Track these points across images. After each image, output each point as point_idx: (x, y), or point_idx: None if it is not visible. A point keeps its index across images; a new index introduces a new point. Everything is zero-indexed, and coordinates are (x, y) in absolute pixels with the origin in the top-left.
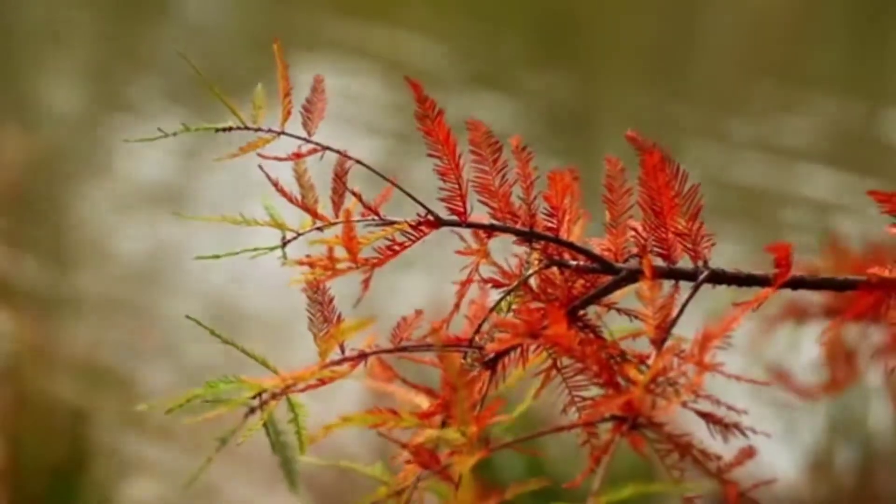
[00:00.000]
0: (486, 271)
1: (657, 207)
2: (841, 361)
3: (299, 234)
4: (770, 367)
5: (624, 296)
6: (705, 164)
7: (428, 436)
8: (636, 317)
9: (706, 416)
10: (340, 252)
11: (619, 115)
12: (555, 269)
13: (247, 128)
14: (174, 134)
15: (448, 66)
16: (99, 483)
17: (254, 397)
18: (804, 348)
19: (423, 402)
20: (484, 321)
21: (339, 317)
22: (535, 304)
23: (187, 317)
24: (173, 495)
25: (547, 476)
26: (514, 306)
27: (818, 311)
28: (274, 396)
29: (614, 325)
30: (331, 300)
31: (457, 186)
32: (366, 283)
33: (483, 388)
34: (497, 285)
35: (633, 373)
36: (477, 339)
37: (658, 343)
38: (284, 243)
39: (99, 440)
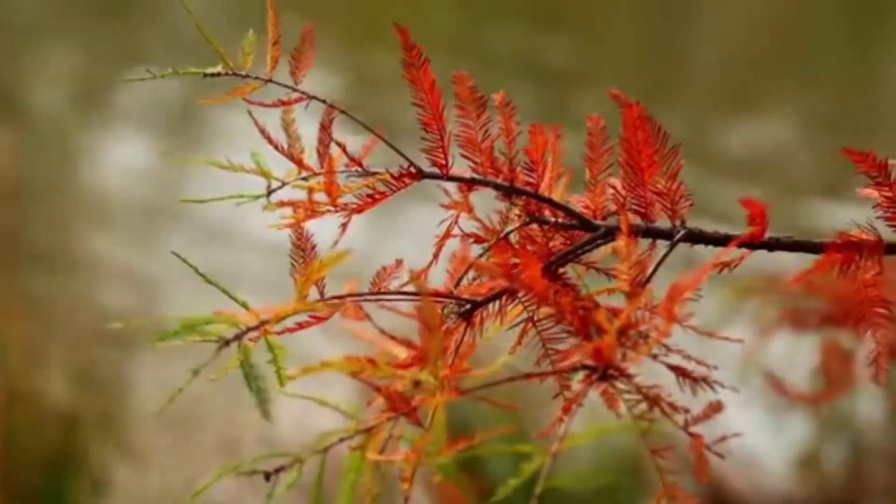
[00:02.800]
0: (470, 227)
1: (636, 163)
2: (837, 368)
3: (284, 184)
4: (766, 375)
5: (604, 256)
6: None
7: (398, 376)
8: (615, 276)
9: (676, 370)
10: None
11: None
12: (535, 226)
13: (234, 74)
14: (163, 76)
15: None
16: (91, 477)
17: (236, 337)
18: (801, 356)
19: (402, 353)
20: (465, 274)
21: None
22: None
23: (172, 252)
24: None
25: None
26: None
27: (815, 319)
28: (249, 331)
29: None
30: (313, 247)
31: (439, 137)
32: (343, 227)
33: (460, 339)
34: (478, 241)
35: (604, 322)
36: (457, 291)
37: (631, 297)
38: (270, 192)
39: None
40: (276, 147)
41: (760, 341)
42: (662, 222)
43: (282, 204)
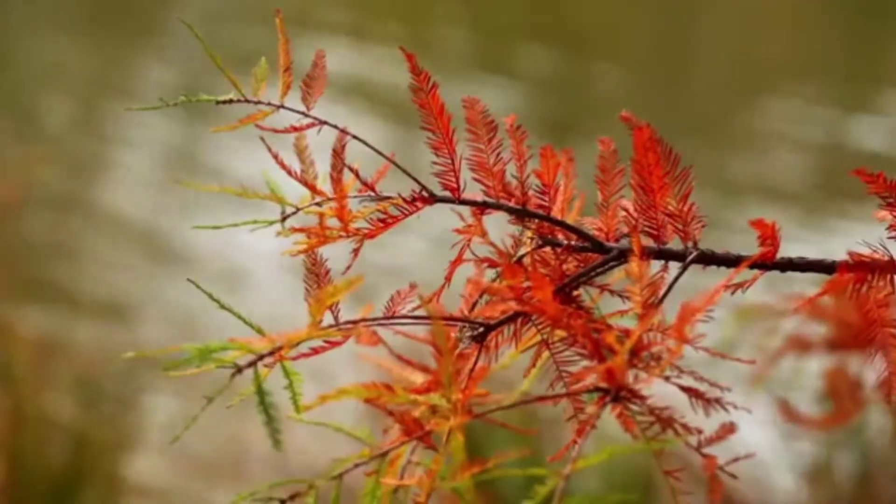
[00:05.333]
0: (483, 251)
1: (647, 185)
2: (845, 393)
3: (298, 209)
4: (775, 400)
5: (618, 279)
6: None
7: (415, 401)
8: (629, 299)
9: (688, 391)
10: (335, 223)
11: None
12: (548, 249)
13: (247, 100)
14: (175, 104)
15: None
16: (97, 498)
17: (250, 364)
18: (808, 381)
19: (418, 379)
20: (479, 298)
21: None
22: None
23: (188, 280)
24: None
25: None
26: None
27: (821, 344)
28: (263, 358)
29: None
30: (327, 272)
31: (450, 161)
32: (356, 252)
33: (474, 363)
34: (492, 265)
35: (615, 343)
36: (470, 315)
37: (643, 318)
38: (284, 217)
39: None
40: (289, 173)
41: (766, 366)
42: (675, 244)
43: (295, 230)
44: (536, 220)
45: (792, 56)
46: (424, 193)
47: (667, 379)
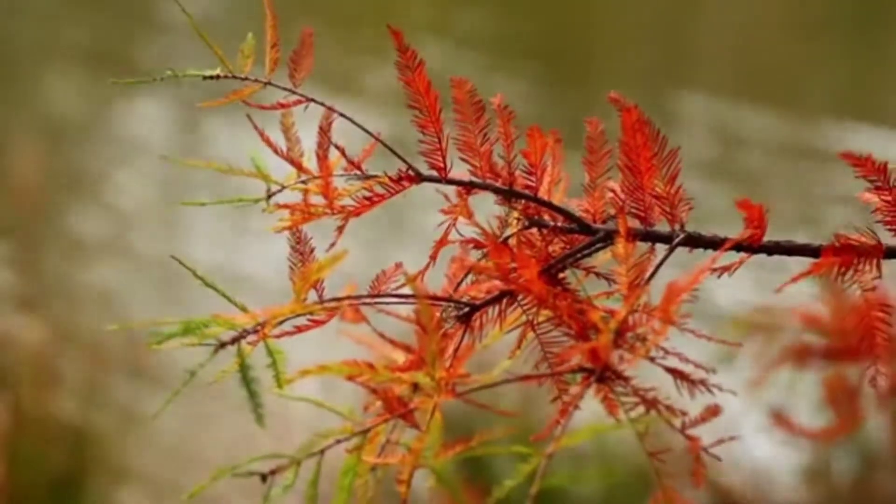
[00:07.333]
0: (469, 232)
1: (634, 167)
2: (844, 404)
3: (284, 187)
4: (771, 411)
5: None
6: None
7: (397, 379)
8: (615, 281)
9: (674, 372)
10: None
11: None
12: (535, 230)
13: (233, 76)
14: (162, 79)
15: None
16: (97, 498)
17: (234, 340)
18: (806, 391)
19: (400, 358)
20: (464, 278)
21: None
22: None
23: (172, 256)
24: None
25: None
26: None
27: (818, 354)
28: (246, 334)
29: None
30: (312, 250)
31: (436, 140)
32: (340, 230)
33: (458, 342)
34: (478, 246)
35: (601, 324)
36: (455, 295)
37: (628, 300)
38: (269, 195)
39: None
40: (275, 150)
41: (763, 376)
42: (662, 226)
43: (279, 207)
44: (523, 201)
45: None
46: (410, 172)
47: (652, 360)
